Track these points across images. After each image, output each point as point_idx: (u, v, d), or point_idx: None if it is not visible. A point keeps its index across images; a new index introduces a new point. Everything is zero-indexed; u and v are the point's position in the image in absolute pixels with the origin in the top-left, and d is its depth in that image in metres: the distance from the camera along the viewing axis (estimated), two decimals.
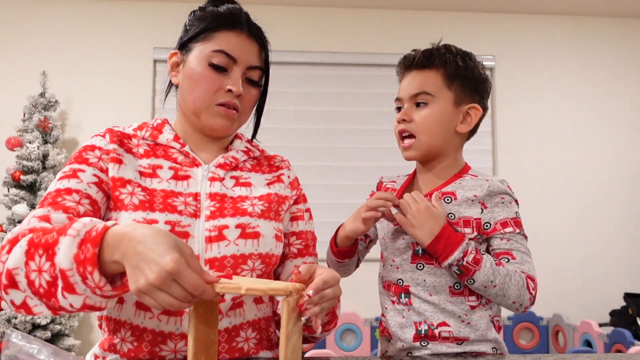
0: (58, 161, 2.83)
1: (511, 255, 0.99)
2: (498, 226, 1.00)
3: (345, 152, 3.27)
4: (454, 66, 1.04)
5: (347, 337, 3.06)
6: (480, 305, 1.02)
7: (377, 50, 3.32)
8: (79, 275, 0.68)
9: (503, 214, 1.01)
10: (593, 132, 3.40)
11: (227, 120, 0.97)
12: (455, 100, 1.05)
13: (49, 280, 0.70)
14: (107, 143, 0.94)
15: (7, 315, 2.57)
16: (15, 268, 0.72)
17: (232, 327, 0.91)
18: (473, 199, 1.02)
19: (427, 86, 1.04)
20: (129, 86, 3.15)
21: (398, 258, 1.05)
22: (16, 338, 0.68)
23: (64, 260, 0.68)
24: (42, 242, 0.71)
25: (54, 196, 0.86)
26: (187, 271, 0.65)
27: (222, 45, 0.95)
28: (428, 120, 1.04)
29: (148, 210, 0.88)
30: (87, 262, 0.67)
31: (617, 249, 3.33)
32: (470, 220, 1.01)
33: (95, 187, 0.89)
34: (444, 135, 1.05)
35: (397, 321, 1.04)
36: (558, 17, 3.45)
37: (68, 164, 0.92)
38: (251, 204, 0.96)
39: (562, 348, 3.04)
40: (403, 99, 1.08)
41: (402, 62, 1.11)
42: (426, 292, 1.01)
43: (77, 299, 0.70)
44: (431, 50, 1.08)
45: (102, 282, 0.68)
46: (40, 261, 0.70)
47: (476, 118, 1.06)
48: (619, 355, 0.97)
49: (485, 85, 1.09)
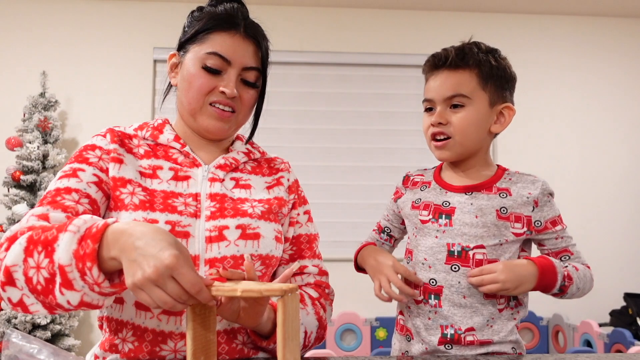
0: (58, 161, 2.83)
1: (569, 252, 1.07)
2: (549, 225, 1.04)
3: (345, 152, 3.27)
4: (487, 66, 1.03)
5: (347, 337, 3.06)
6: (508, 308, 1.03)
7: (377, 51, 3.32)
8: (78, 271, 0.68)
9: (552, 213, 1.05)
10: (593, 132, 3.40)
11: (221, 122, 0.97)
12: (490, 101, 1.04)
13: (47, 277, 0.70)
14: (107, 143, 0.94)
15: (7, 315, 2.57)
16: (13, 265, 0.72)
17: (230, 329, 0.91)
18: (528, 197, 1.04)
19: (463, 88, 1.02)
20: (129, 86, 3.15)
21: (431, 257, 1.04)
22: (16, 338, 0.68)
23: (63, 256, 0.68)
24: (42, 239, 0.71)
25: (53, 195, 0.86)
26: (186, 268, 0.65)
27: (215, 47, 0.95)
28: (465, 123, 1.02)
29: (148, 210, 0.88)
30: (87, 258, 0.67)
31: (617, 249, 3.33)
32: (521, 216, 1.03)
33: (95, 186, 0.89)
34: (479, 137, 1.05)
35: (423, 322, 1.03)
36: (558, 17, 3.45)
37: (68, 163, 0.92)
38: (251, 206, 0.96)
39: (562, 348, 3.04)
40: (435, 101, 1.05)
41: (432, 61, 1.07)
42: (460, 294, 1.01)
43: (74, 296, 0.70)
44: (463, 49, 1.05)
45: (100, 278, 0.68)
46: (39, 258, 0.70)
47: (510, 118, 1.06)
48: (619, 355, 0.97)
49: (514, 83, 1.09)
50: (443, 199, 1.06)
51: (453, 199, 1.05)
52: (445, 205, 1.05)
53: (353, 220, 3.18)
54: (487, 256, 1.01)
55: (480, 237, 1.01)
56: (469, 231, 1.02)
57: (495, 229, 1.01)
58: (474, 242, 1.01)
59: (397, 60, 3.29)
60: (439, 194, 1.08)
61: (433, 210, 1.06)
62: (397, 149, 3.26)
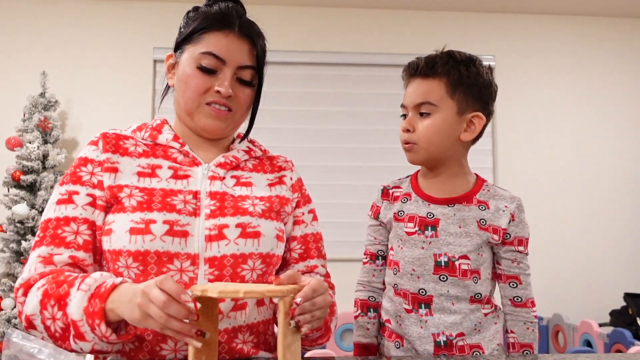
0: (58, 161, 2.83)
1: (519, 280, 1.06)
2: (515, 241, 1.05)
3: (345, 152, 3.27)
4: (456, 75, 1.03)
5: (347, 337, 3.06)
6: (492, 313, 1.06)
7: (377, 51, 3.32)
8: (88, 325, 0.77)
9: (522, 233, 1.06)
10: (593, 132, 3.40)
11: (218, 120, 0.97)
12: (459, 109, 1.04)
13: (63, 327, 0.81)
14: (99, 153, 0.95)
15: (7, 315, 2.58)
16: (32, 314, 0.83)
17: (231, 329, 0.91)
18: (504, 209, 1.05)
19: (430, 96, 1.04)
20: (129, 86, 3.15)
21: (419, 268, 1.04)
22: (17, 338, 0.68)
23: (75, 312, 0.78)
24: (55, 295, 0.81)
25: (54, 227, 0.90)
26: (170, 282, 0.71)
27: (210, 47, 0.95)
28: (430, 131, 1.04)
29: (146, 211, 0.89)
30: (95, 316, 0.76)
31: (617, 249, 3.33)
32: (498, 229, 1.04)
33: (91, 207, 0.92)
34: (446, 144, 1.05)
35: (415, 331, 1.04)
36: (558, 17, 3.45)
37: (64, 182, 0.94)
38: (252, 204, 0.96)
39: (562, 348, 3.04)
40: (407, 107, 1.08)
41: (407, 69, 1.09)
42: (449, 301, 1.02)
43: (86, 345, 0.79)
44: (435, 58, 1.06)
45: (108, 332, 0.77)
46: (53, 311, 0.81)
47: (480, 126, 1.06)
48: (619, 355, 0.97)
49: (489, 90, 1.07)
50: (427, 211, 1.07)
51: (436, 211, 1.06)
52: (429, 216, 1.06)
53: (353, 220, 3.18)
54: (471, 266, 1.03)
55: (464, 247, 1.03)
56: (454, 241, 1.03)
57: (477, 238, 1.03)
58: (459, 252, 1.03)
59: (397, 60, 3.29)
60: (422, 205, 1.08)
61: (418, 222, 1.06)
62: (397, 149, 3.22)
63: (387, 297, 1.11)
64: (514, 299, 1.06)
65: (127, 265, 0.87)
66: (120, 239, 0.87)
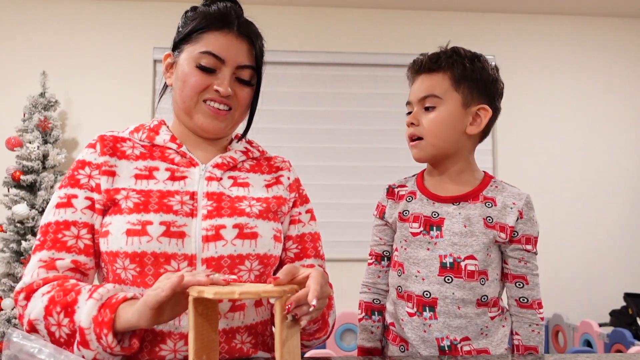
0: (58, 161, 2.83)
1: (526, 280, 1.04)
2: (523, 240, 1.03)
3: (345, 152, 3.27)
4: (461, 68, 1.03)
5: (347, 337, 3.06)
6: (499, 316, 1.04)
7: (377, 50, 3.32)
8: (95, 334, 0.78)
9: (531, 231, 1.04)
10: (593, 131, 3.40)
11: (217, 120, 0.97)
12: (464, 101, 1.04)
13: (68, 333, 0.81)
14: (97, 156, 0.95)
15: (7, 315, 2.58)
16: (35, 319, 0.83)
17: (229, 329, 0.91)
18: (512, 207, 1.03)
19: (435, 89, 1.03)
20: (129, 86, 3.15)
21: (424, 270, 1.03)
22: (17, 337, 0.68)
23: (84, 319, 0.78)
24: (61, 302, 0.82)
25: (54, 231, 0.90)
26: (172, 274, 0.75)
27: (209, 47, 0.95)
28: (435, 123, 1.03)
29: (143, 212, 0.89)
30: (104, 325, 0.77)
31: (618, 249, 3.33)
32: (505, 226, 1.02)
33: (90, 211, 0.92)
34: (453, 138, 1.04)
35: (419, 335, 1.02)
36: (558, 17, 3.45)
37: (62, 185, 0.94)
38: (249, 205, 0.96)
39: (562, 348, 3.04)
40: (412, 103, 1.07)
41: (412, 67, 1.10)
42: (454, 304, 1.01)
43: (89, 353, 0.79)
44: (438, 53, 1.06)
45: (113, 343, 0.77)
46: (59, 317, 0.81)
47: (486, 119, 1.05)
48: (619, 355, 0.97)
49: (495, 86, 1.07)
50: (432, 210, 1.05)
51: (441, 210, 1.05)
52: (434, 216, 1.05)
53: (353, 220, 3.18)
54: (479, 267, 1.01)
55: (470, 247, 1.01)
56: (459, 241, 1.01)
57: (484, 237, 1.01)
58: (465, 252, 1.01)
59: (397, 60, 3.29)
60: (426, 204, 1.06)
61: (423, 222, 1.05)
62: (397, 149, 3.26)
63: (391, 299, 1.10)
64: (519, 300, 1.05)
65: (125, 266, 0.88)
66: (117, 241, 0.88)
